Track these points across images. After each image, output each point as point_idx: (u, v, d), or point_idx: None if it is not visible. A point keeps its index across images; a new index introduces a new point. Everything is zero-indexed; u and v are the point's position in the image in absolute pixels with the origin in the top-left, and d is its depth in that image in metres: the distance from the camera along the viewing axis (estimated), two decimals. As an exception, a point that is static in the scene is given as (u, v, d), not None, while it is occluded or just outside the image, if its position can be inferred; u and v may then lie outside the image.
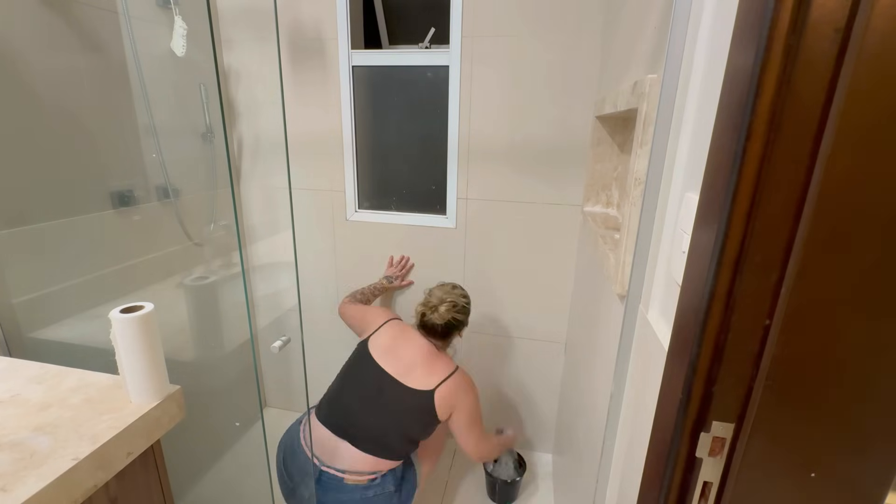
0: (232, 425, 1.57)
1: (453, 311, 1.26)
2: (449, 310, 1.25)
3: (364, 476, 1.16)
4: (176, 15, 1.21)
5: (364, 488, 1.16)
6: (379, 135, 1.60)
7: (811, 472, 0.40)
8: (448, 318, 1.25)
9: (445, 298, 1.27)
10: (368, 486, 1.16)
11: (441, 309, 1.25)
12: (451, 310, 1.26)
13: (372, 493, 1.16)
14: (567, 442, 1.43)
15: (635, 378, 0.73)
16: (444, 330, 1.26)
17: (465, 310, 1.30)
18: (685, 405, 0.43)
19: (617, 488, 0.80)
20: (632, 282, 0.75)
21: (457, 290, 1.31)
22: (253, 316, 1.76)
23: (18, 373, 0.78)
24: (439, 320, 1.24)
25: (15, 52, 0.98)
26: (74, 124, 1.12)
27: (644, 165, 0.72)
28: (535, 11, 1.32)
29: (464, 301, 1.30)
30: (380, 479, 1.17)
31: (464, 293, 1.32)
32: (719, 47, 0.49)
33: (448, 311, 1.25)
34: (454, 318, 1.26)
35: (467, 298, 1.32)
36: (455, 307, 1.27)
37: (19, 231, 1.01)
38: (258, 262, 1.81)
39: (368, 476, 1.17)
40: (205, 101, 1.44)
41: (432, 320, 1.25)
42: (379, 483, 1.17)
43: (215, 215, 1.56)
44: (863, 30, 0.31)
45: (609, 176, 1.31)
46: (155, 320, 0.69)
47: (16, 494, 0.53)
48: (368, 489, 1.16)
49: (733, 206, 0.37)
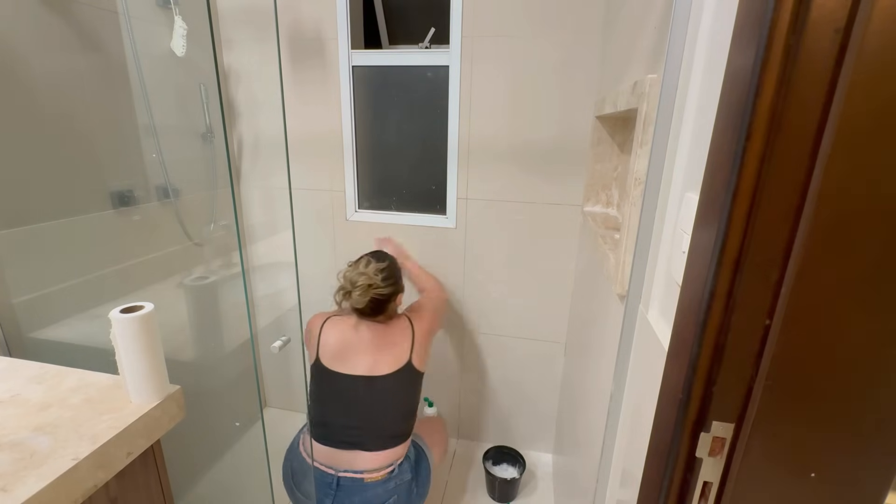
0: (232, 425, 1.57)
1: (370, 292, 1.14)
2: (364, 292, 1.14)
3: (382, 471, 1.18)
4: (176, 15, 1.21)
5: (384, 482, 1.18)
6: (379, 135, 1.60)
7: (811, 472, 0.40)
8: (366, 300, 1.14)
9: (357, 281, 1.15)
10: (388, 479, 1.18)
11: (355, 295, 1.14)
12: (366, 291, 1.14)
13: (392, 485, 1.18)
14: (567, 442, 1.43)
15: (635, 378, 0.73)
16: (374, 309, 1.19)
17: (385, 283, 1.17)
18: (685, 405, 0.43)
19: (617, 488, 0.80)
20: (632, 282, 0.75)
21: (370, 267, 1.17)
22: (253, 316, 1.76)
23: (18, 373, 0.78)
24: (359, 305, 1.15)
25: (15, 52, 0.98)
26: (74, 124, 1.12)
27: (644, 165, 0.72)
28: (535, 11, 1.32)
29: (381, 275, 1.17)
30: (397, 470, 1.19)
31: (379, 266, 1.18)
32: (719, 47, 0.49)
33: (363, 294, 1.14)
34: (377, 296, 1.16)
35: (385, 268, 1.19)
36: (371, 287, 1.15)
37: (19, 231, 1.01)
38: (258, 262, 1.81)
39: (386, 470, 1.18)
40: (205, 101, 1.44)
41: (354, 305, 1.16)
42: (397, 474, 1.19)
43: (215, 215, 1.56)
44: (863, 30, 0.31)
45: (609, 176, 1.31)
46: (155, 320, 0.69)
47: (16, 494, 0.53)
48: (388, 482, 1.18)
49: (733, 206, 0.37)
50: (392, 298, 1.22)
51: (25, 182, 1.02)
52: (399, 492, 1.19)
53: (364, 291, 1.13)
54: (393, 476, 1.18)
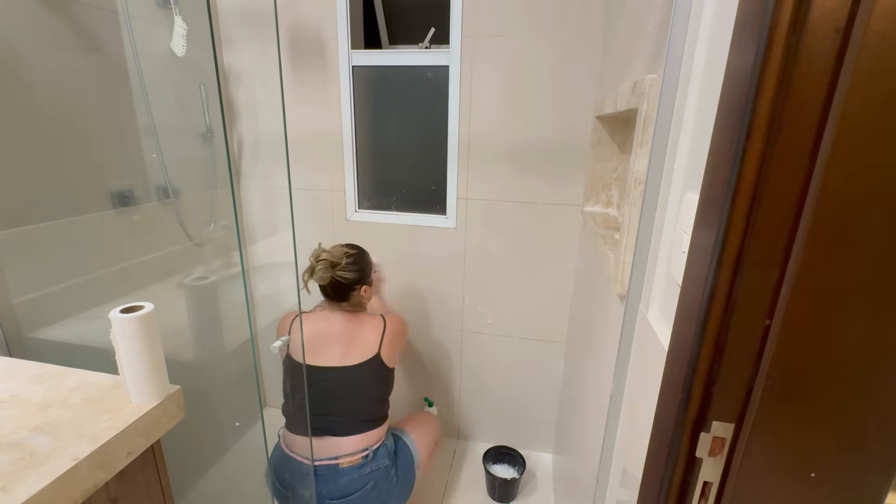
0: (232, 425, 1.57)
1: (332, 271, 1.16)
2: (326, 268, 1.16)
3: (357, 455, 1.18)
4: (176, 15, 1.21)
5: (359, 467, 1.18)
6: (379, 135, 1.60)
7: (811, 472, 0.40)
8: (328, 277, 1.16)
9: (320, 256, 1.18)
10: (363, 464, 1.18)
11: (317, 269, 1.16)
12: (327, 269, 1.16)
13: (368, 470, 1.18)
14: (567, 442, 1.43)
15: (635, 378, 0.73)
16: (336, 291, 1.20)
17: (349, 267, 1.19)
18: (685, 405, 0.43)
19: (617, 488, 0.80)
20: (632, 282, 0.75)
21: (337, 248, 1.22)
22: (253, 316, 1.76)
23: (18, 373, 0.78)
24: (320, 281, 1.17)
25: (15, 52, 0.98)
26: (74, 124, 1.12)
27: (644, 165, 0.72)
28: (535, 11, 1.32)
29: (346, 259, 1.19)
30: (372, 455, 1.20)
31: (347, 251, 1.21)
32: (719, 47, 0.49)
33: (325, 269, 1.16)
34: (339, 277, 1.17)
35: (352, 254, 1.21)
36: (333, 266, 1.17)
37: (19, 231, 1.01)
38: (258, 262, 1.81)
39: (361, 454, 1.19)
40: (205, 101, 1.44)
41: (317, 283, 1.19)
42: (372, 459, 1.19)
43: (215, 215, 1.56)
44: (863, 30, 0.31)
45: (609, 176, 1.31)
46: (155, 320, 0.69)
47: (16, 494, 0.53)
48: (363, 467, 1.18)
49: (733, 206, 0.37)
50: (356, 286, 1.22)
51: (25, 182, 1.02)
52: (376, 477, 1.19)
53: (326, 268, 1.16)
54: (368, 461, 1.19)
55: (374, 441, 1.22)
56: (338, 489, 1.17)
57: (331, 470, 1.18)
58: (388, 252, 1.66)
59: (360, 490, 1.17)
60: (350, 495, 1.17)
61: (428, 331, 1.73)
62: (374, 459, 1.20)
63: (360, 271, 1.23)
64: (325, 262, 1.17)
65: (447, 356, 1.76)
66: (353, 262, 1.21)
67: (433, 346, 1.76)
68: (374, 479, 1.19)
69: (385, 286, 1.66)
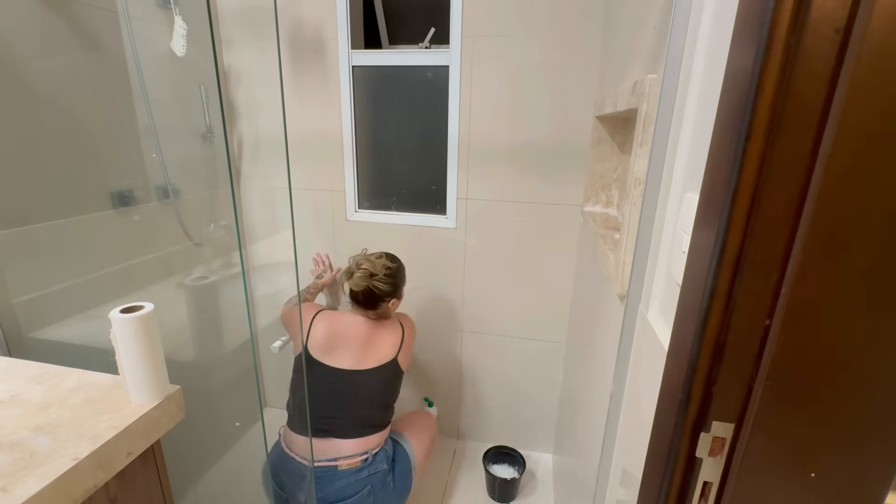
0: (232, 425, 1.57)
1: (369, 280, 1.19)
2: (364, 277, 1.18)
3: (356, 458, 1.18)
4: (176, 15, 1.21)
5: (357, 471, 1.18)
6: (379, 135, 1.60)
7: (811, 472, 0.40)
8: (364, 285, 1.18)
9: (361, 264, 1.20)
10: (361, 468, 1.18)
11: (356, 276, 1.19)
12: (365, 277, 1.18)
13: (366, 474, 1.18)
14: (567, 442, 1.43)
15: (635, 378, 0.73)
16: (367, 299, 1.21)
17: (386, 279, 1.21)
18: (685, 405, 0.43)
19: (617, 488, 0.80)
20: (632, 282, 0.75)
21: (381, 260, 1.23)
22: (253, 316, 1.76)
23: (18, 373, 0.78)
24: (355, 287, 1.19)
25: (15, 51, 0.98)
26: (74, 124, 1.12)
27: (644, 165, 0.72)
28: (536, 11, 1.32)
29: (385, 270, 1.21)
30: (371, 459, 1.20)
31: (388, 264, 1.23)
32: (719, 47, 0.49)
33: (363, 278, 1.18)
34: (374, 287, 1.19)
35: (392, 269, 1.23)
36: (372, 276, 1.19)
37: (19, 231, 1.01)
38: (258, 262, 1.81)
39: (360, 457, 1.19)
40: (205, 101, 1.44)
41: (351, 287, 1.21)
42: (371, 463, 1.19)
43: (215, 215, 1.56)
44: (863, 30, 0.30)
45: (609, 176, 1.31)
46: (155, 320, 0.69)
47: (16, 494, 0.53)
48: (362, 471, 1.18)
49: (733, 206, 0.37)
50: (387, 298, 1.24)
51: (26, 182, 1.02)
52: (373, 481, 1.19)
53: (364, 276, 1.18)
54: (367, 465, 1.19)
55: (375, 445, 1.22)
56: (335, 492, 1.17)
57: (329, 472, 1.17)
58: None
59: (356, 494, 1.17)
60: (347, 499, 1.17)
61: (428, 331, 1.73)
62: (373, 463, 1.19)
63: (394, 285, 1.24)
64: (366, 271, 1.19)
65: (447, 356, 1.75)
66: (390, 276, 1.22)
67: (433, 345, 1.76)
68: (371, 483, 1.18)
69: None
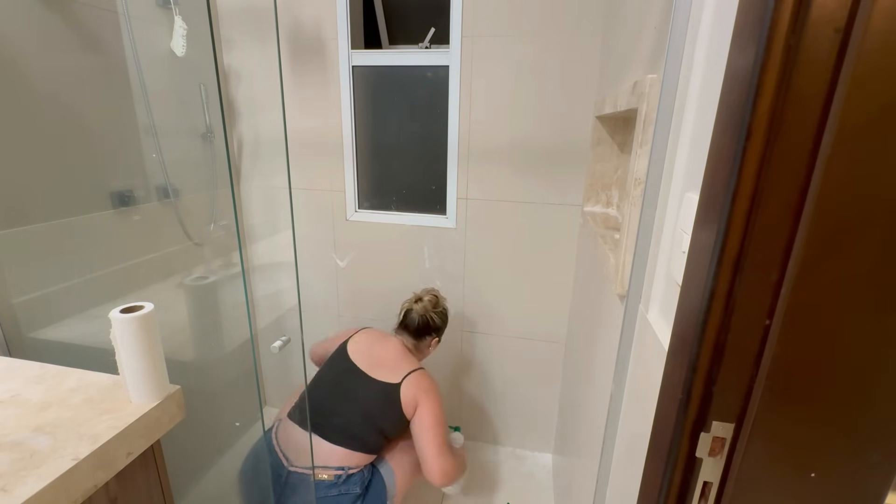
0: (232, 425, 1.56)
1: (432, 310, 1.34)
2: (431, 301, 1.35)
3: (331, 471, 1.15)
4: (176, 15, 1.21)
5: (328, 486, 1.14)
6: (379, 135, 1.60)
7: (811, 472, 0.40)
8: (426, 312, 1.32)
9: (432, 290, 1.40)
10: (333, 484, 1.15)
11: (424, 300, 1.34)
12: (432, 303, 1.35)
13: (336, 493, 1.14)
14: (567, 442, 1.43)
15: (635, 378, 0.73)
16: (420, 327, 1.33)
17: (443, 314, 1.37)
18: (685, 405, 0.43)
19: (617, 488, 0.80)
20: (632, 282, 0.75)
21: (442, 298, 1.40)
22: (253, 316, 1.76)
23: (18, 373, 0.78)
24: (419, 311, 1.32)
25: (15, 51, 0.98)
26: (74, 124, 1.12)
27: (644, 165, 0.72)
28: (535, 11, 1.32)
29: (444, 308, 1.38)
30: (346, 478, 1.16)
31: (446, 305, 1.41)
32: (719, 47, 0.49)
33: (430, 304, 1.34)
34: (431, 317, 1.33)
35: (447, 311, 1.41)
36: (435, 306, 1.35)
37: (19, 231, 1.01)
38: (258, 262, 1.81)
39: (335, 471, 1.15)
40: (205, 101, 1.44)
41: (414, 311, 1.33)
42: (344, 482, 1.16)
43: (215, 215, 1.56)
44: (863, 30, 0.31)
45: (609, 176, 1.31)
46: (155, 320, 0.69)
47: (16, 494, 0.53)
48: (332, 487, 1.14)
49: (733, 206, 0.37)
50: (433, 333, 1.36)
51: (25, 182, 1.02)
52: (341, 501, 1.15)
53: (431, 303, 1.34)
54: (339, 482, 1.15)
55: (354, 464, 1.18)
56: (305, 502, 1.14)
57: (303, 481, 1.14)
58: (389, 252, 1.66)
59: None
60: None
61: (428, 331, 1.73)
62: (346, 483, 1.16)
63: (444, 324, 1.39)
64: (434, 298, 1.36)
65: (447, 356, 1.75)
66: (444, 314, 1.39)
67: (433, 346, 1.76)
68: (339, 502, 1.15)
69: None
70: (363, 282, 1.72)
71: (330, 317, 1.80)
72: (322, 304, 1.79)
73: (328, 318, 1.80)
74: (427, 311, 1.33)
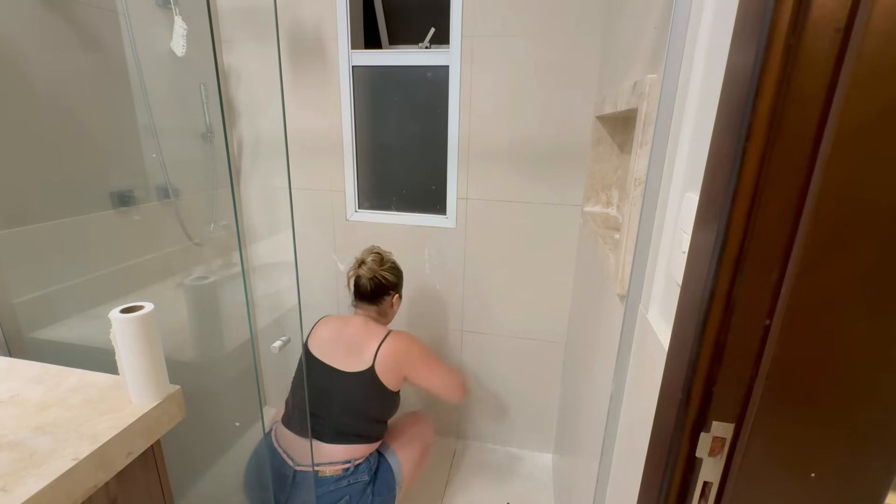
0: (232, 425, 1.56)
1: (379, 269, 1.24)
2: (375, 261, 1.25)
3: (338, 466, 1.17)
4: (176, 15, 1.21)
5: (337, 479, 1.16)
6: (379, 135, 1.60)
7: (811, 472, 0.40)
8: (375, 272, 1.24)
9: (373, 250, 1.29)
10: (342, 477, 1.16)
11: (367, 262, 1.24)
12: (377, 261, 1.25)
13: (346, 483, 1.16)
14: (567, 442, 1.43)
15: (635, 378, 0.73)
16: (374, 289, 1.25)
17: (393, 268, 1.28)
18: (685, 405, 0.43)
19: (617, 488, 0.80)
20: (632, 282, 0.75)
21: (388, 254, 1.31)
22: (253, 316, 1.76)
23: (18, 373, 0.78)
24: (366, 274, 1.23)
25: (15, 51, 0.98)
26: (74, 124, 1.12)
27: (644, 165, 0.72)
28: (536, 11, 1.32)
29: (391, 263, 1.29)
30: (353, 469, 1.18)
31: (393, 259, 1.32)
32: (719, 47, 0.49)
33: (374, 262, 1.25)
34: (382, 276, 1.24)
35: (396, 263, 1.32)
36: (381, 263, 1.26)
37: (19, 231, 1.01)
38: (258, 262, 1.81)
39: (342, 465, 1.17)
40: (205, 101, 1.44)
41: (361, 276, 1.24)
42: (353, 473, 1.17)
43: (215, 215, 1.56)
44: (863, 30, 0.31)
45: (609, 176, 1.31)
46: (155, 320, 0.69)
47: (16, 494, 0.53)
48: (341, 479, 1.16)
49: (733, 206, 0.37)
50: (391, 291, 1.28)
51: (26, 182, 1.02)
52: (352, 492, 1.16)
53: (375, 262, 1.25)
54: (348, 474, 1.17)
55: (360, 455, 1.19)
56: (311, 500, 1.15)
57: (308, 478, 1.15)
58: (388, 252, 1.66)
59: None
60: None
61: (428, 331, 1.73)
62: (354, 473, 1.17)
63: (398, 278, 1.31)
64: (378, 255, 1.27)
65: (447, 356, 1.75)
66: (396, 269, 1.30)
67: (433, 345, 1.76)
68: (350, 493, 1.16)
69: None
70: (363, 282, 1.72)
71: (330, 317, 1.80)
72: (322, 304, 1.79)
73: (328, 318, 1.80)
74: (375, 272, 1.24)
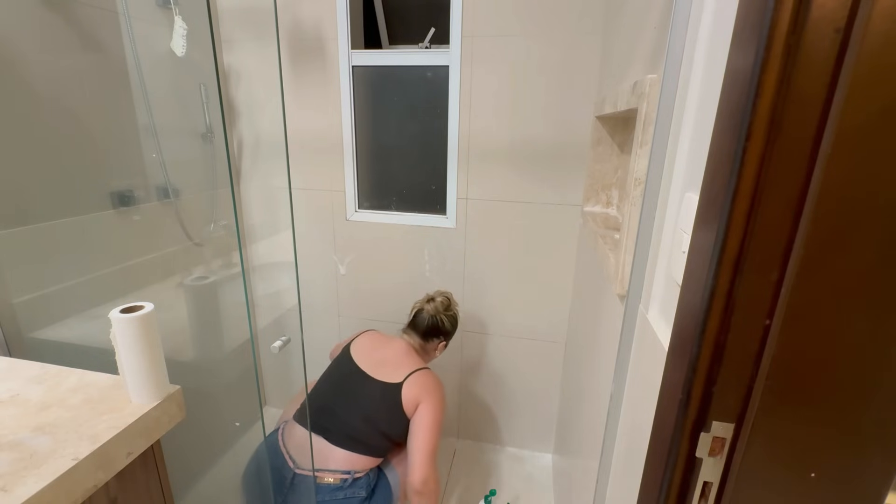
0: (232, 425, 1.56)
1: (443, 312, 1.33)
2: (443, 303, 1.34)
3: (337, 475, 1.15)
4: (176, 15, 1.21)
5: (334, 489, 1.14)
6: (379, 135, 1.60)
7: (811, 472, 0.40)
8: (438, 313, 1.32)
9: (444, 293, 1.39)
10: (339, 488, 1.14)
11: (436, 301, 1.34)
12: (444, 305, 1.34)
13: (342, 496, 1.14)
14: (567, 442, 1.43)
15: (635, 378, 0.73)
16: (428, 327, 1.32)
17: (453, 318, 1.36)
18: (685, 405, 0.43)
19: (617, 488, 0.80)
20: (632, 282, 0.75)
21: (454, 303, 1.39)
22: (253, 316, 1.76)
23: (18, 373, 0.78)
24: (431, 310, 1.32)
25: (15, 52, 0.98)
26: (74, 124, 1.12)
27: (644, 165, 0.72)
28: (535, 11, 1.32)
29: (455, 309, 1.38)
30: (351, 481, 1.15)
31: (456, 310, 1.40)
32: (719, 47, 0.49)
33: (441, 304, 1.34)
34: (441, 319, 1.32)
35: (458, 316, 1.40)
36: (447, 308, 1.35)
37: (19, 231, 1.01)
38: (258, 262, 1.81)
39: (341, 475, 1.15)
40: (205, 101, 1.44)
41: (425, 310, 1.33)
42: (350, 485, 1.15)
43: (215, 215, 1.56)
44: (863, 30, 0.31)
45: (609, 176, 1.31)
46: (155, 320, 0.69)
47: (16, 494, 0.53)
48: (338, 490, 1.14)
49: (733, 206, 0.37)
50: (441, 336, 1.35)
51: (25, 182, 1.02)
52: None
53: (442, 304, 1.34)
54: (345, 486, 1.14)
55: (360, 468, 1.17)
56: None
57: (308, 484, 1.14)
58: (389, 252, 1.66)
59: None
60: None
61: (428, 331, 1.73)
62: (352, 486, 1.15)
63: (453, 328, 1.37)
64: (447, 300, 1.36)
65: (447, 356, 1.75)
66: (455, 319, 1.38)
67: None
68: None
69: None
70: (363, 282, 1.72)
71: (330, 317, 1.80)
72: (322, 304, 1.79)
73: (328, 318, 1.80)
74: (438, 313, 1.32)
